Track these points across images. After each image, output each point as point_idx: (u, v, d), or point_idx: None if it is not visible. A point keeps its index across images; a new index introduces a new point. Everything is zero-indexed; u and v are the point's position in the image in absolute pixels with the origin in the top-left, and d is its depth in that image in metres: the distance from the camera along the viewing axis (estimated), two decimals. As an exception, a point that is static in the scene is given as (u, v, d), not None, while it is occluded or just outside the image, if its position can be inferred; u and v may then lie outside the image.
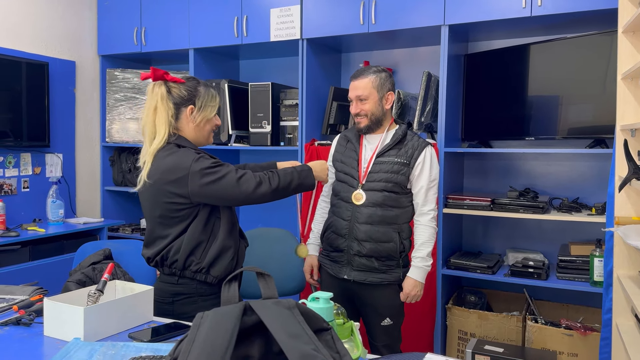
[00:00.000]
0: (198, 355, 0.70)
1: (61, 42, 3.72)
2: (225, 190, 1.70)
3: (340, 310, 1.27)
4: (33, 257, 3.11)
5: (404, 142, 2.13)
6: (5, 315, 1.65)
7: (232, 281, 0.87)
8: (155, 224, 1.80)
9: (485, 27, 2.80)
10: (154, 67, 1.79)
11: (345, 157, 2.21)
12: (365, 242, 2.09)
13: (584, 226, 2.83)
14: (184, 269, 1.77)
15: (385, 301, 2.13)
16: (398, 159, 2.10)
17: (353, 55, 3.53)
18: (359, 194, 2.11)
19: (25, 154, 3.49)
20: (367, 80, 2.11)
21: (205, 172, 1.69)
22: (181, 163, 1.70)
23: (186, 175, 1.69)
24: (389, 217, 2.09)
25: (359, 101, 2.12)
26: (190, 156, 1.71)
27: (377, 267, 2.10)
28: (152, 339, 1.48)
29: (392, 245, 2.09)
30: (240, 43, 3.31)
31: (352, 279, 2.13)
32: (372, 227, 2.08)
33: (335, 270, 2.18)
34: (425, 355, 1.26)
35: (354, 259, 2.12)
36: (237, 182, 1.70)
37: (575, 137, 2.70)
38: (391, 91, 2.15)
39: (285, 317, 0.79)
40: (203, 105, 1.82)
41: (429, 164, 2.11)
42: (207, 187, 1.69)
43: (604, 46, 2.53)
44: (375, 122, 2.14)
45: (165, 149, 1.76)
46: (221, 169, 1.71)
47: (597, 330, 2.47)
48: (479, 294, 2.99)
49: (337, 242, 2.16)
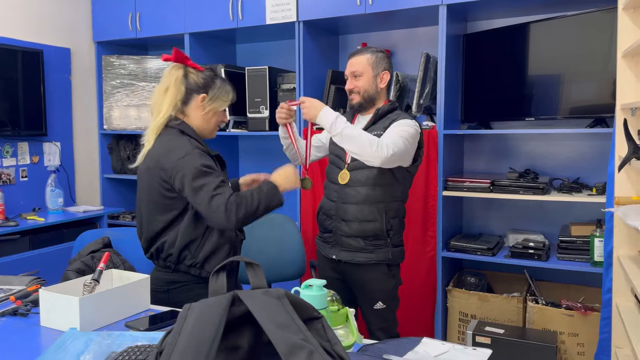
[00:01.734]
0: (184, 348, 0.70)
1: (56, 30, 3.68)
2: (196, 203, 1.68)
3: (335, 296, 1.26)
4: (33, 246, 3.11)
5: (388, 118, 2.11)
6: (2, 306, 1.65)
7: (219, 272, 0.86)
8: (148, 209, 1.79)
9: (484, 5, 2.74)
10: (177, 49, 1.81)
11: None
12: (351, 222, 2.10)
13: (584, 206, 2.82)
14: (178, 263, 1.78)
15: (376, 284, 2.13)
16: (376, 132, 2.07)
17: (350, 37, 3.48)
18: (344, 174, 2.12)
19: (22, 143, 3.48)
20: (363, 57, 2.13)
21: (188, 173, 1.66)
22: (174, 153, 1.70)
23: (174, 168, 1.68)
24: (374, 196, 2.07)
25: (354, 77, 2.13)
26: (184, 148, 1.70)
27: (364, 247, 2.10)
28: (148, 327, 1.48)
29: (378, 225, 2.08)
30: (235, 27, 3.27)
31: (341, 260, 2.14)
32: (356, 206, 2.08)
33: (326, 252, 2.21)
34: (422, 339, 1.26)
35: (342, 240, 2.13)
36: (209, 203, 1.65)
37: (576, 117, 2.67)
38: (387, 71, 2.14)
39: (274, 307, 0.78)
40: (215, 97, 1.83)
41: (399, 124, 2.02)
42: (186, 189, 1.68)
43: (605, 23, 2.48)
44: (368, 99, 2.14)
45: (167, 133, 1.77)
46: (202, 180, 1.66)
47: (598, 310, 2.46)
48: (480, 275, 2.98)
49: (326, 223, 2.19)
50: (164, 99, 1.78)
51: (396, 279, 2.19)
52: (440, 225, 2.78)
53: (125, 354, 1.26)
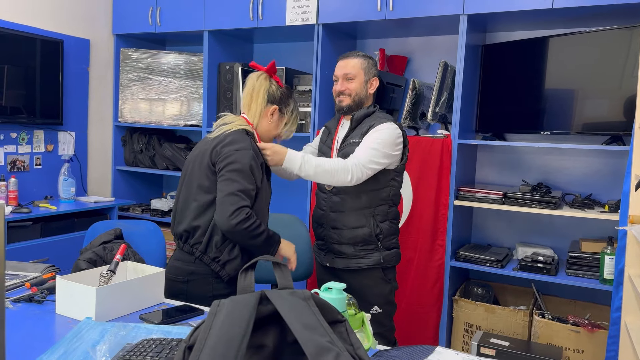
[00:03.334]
0: (215, 343, 0.71)
1: (76, 20, 3.71)
2: (219, 189, 1.73)
3: (352, 300, 1.27)
4: (44, 234, 3.14)
5: (365, 123, 2.10)
6: (18, 292, 1.67)
7: (248, 270, 0.87)
8: (189, 190, 1.84)
9: (505, 17, 2.75)
10: (274, 62, 1.94)
11: (324, 147, 2.26)
12: (339, 230, 2.12)
13: (596, 223, 2.81)
14: (204, 253, 1.80)
15: (371, 289, 2.13)
16: (354, 139, 2.08)
17: (368, 42, 3.49)
18: None
19: (38, 131, 3.50)
20: (357, 61, 2.14)
21: (234, 162, 1.73)
22: (234, 144, 1.77)
23: (227, 153, 1.75)
24: (359, 202, 2.08)
25: (346, 80, 2.13)
26: (245, 144, 1.78)
27: (355, 253, 2.11)
28: (162, 321, 1.49)
29: (367, 230, 2.08)
30: (255, 26, 3.29)
31: (335, 267, 2.16)
32: (344, 214, 2.10)
33: (321, 259, 2.24)
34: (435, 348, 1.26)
35: (334, 247, 2.15)
36: (226, 196, 1.69)
37: (591, 133, 2.67)
38: (376, 77, 2.17)
39: (301, 308, 0.79)
40: (284, 114, 1.95)
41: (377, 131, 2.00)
42: (222, 172, 1.74)
43: (623, 41, 2.49)
44: (358, 102, 2.14)
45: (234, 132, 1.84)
46: (239, 176, 1.72)
47: (605, 328, 2.46)
48: (487, 287, 2.98)
49: (318, 231, 2.21)
50: (251, 104, 1.91)
51: (392, 284, 2.18)
52: (450, 234, 2.78)
53: (141, 345, 1.27)
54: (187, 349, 0.74)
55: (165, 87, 3.78)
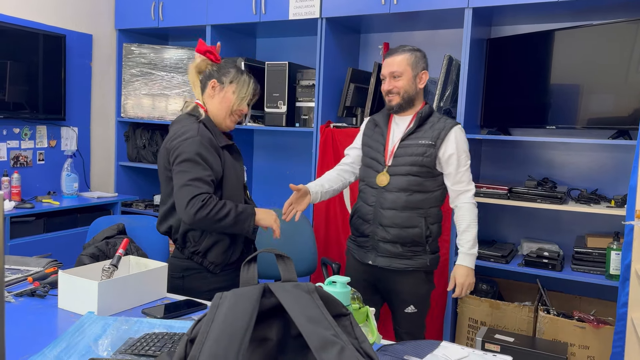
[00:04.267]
0: (217, 336, 0.69)
1: (79, 15, 3.69)
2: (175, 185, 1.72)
3: (356, 295, 1.25)
4: (47, 229, 3.13)
5: (430, 123, 2.08)
6: (20, 286, 1.66)
7: (251, 262, 0.85)
8: (161, 189, 1.88)
9: (510, 10, 2.72)
10: (201, 40, 1.88)
11: (372, 142, 2.17)
12: (389, 228, 2.05)
13: (602, 218, 2.79)
14: (183, 248, 1.81)
15: (410, 288, 2.10)
16: (423, 141, 2.05)
17: (372, 37, 3.47)
18: (383, 176, 2.07)
19: (41, 126, 3.50)
20: (403, 57, 2.07)
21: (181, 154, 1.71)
22: (180, 135, 1.74)
23: (174, 147, 1.74)
24: (413, 202, 2.04)
25: (393, 78, 2.08)
26: (190, 133, 1.74)
27: (402, 253, 2.06)
28: (165, 315, 1.48)
29: (418, 230, 2.04)
30: (258, 20, 3.27)
31: (377, 265, 2.10)
32: (396, 212, 2.04)
33: (361, 256, 2.16)
34: (440, 343, 1.25)
35: (379, 245, 2.09)
36: (178, 190, 1.68)
37: (597, 127, 2.64)
38: (425, 70, 2.11)
39: (305, 301, 0.78)
40: (236, 91, 1.84)
41: (458, 143, 2.05)
42: (173, 168, 1.74)
43: (629, 34, 2.46)
44: (408, 100, 2.09)
45: (185, 119, 1.82)
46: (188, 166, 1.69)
47: (610, 324, 2.44)
48: (491, 282, 2.96)
49: (363, 227, 2.13)
50: (194, 89, 1.88)
51: (430, 284, 2.16)
52: (453, 230, 2.76)
53: (143, 340, 1.26)
54: (189, 342, 0.73)
55: (167, 83, 3.76)
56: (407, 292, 2.10)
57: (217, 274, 1.81)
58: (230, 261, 1.81)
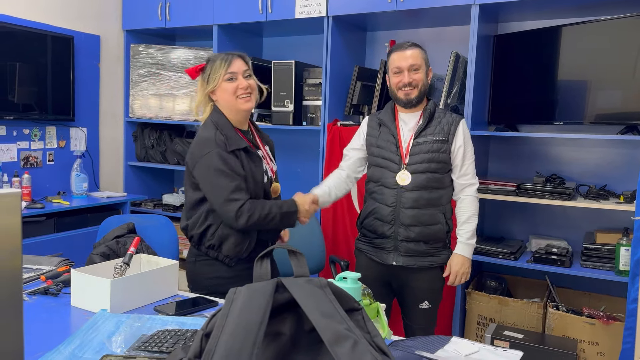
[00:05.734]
0: (233, 330, 0.70)
1: (87, 16, 3.72)
2: (211, 202, 1.78)
3: (367, 290, 1.26)
4: (58, 229, 3.16)
5: (437, 119, 2.10)
6: (33, 285, 1.68)
7: (264, 258, 0.86)
8: (185, 188, 1.92)
9: (516, 7, 2.72)
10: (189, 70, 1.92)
11: (381, 141, 2.13)
12: (412, 227, 2.05)
13: (611, 214, 2.78)
14: (199, 244, 1.85)
15: (427, 284, 2.11)
16: (435, 137, 2.06)
17: (378, 34, 3.47)
18: (404, 174, 2.04)
19: (50, 127, 3.53)
20: (418, 51, 2.07)
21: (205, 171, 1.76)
22: (198, 148, 1.79)
23: (196, 163, 1.79)
24: (434, 199, 2.05)
25: (412, 71, 2.05)
26: (208, 146, 1.77)
27: (426, 250, 2.07)
28: (176, 312, 1.50)
29: (440, 227, 2.06)
30: (264, 20, 3.28)
31: (402, 265, 2.09)
32: (419, 210, 2.04)
33: (381, 257, 2.13)
34: (451, 338, 1.25)
35: (401, 245, 2.07)
36: (222, 206, 1.74)
37: (605, 123, 2.63)
38: (430, 67, 2.14)
39: (318, 296, 0.79)
40: (208, 79, 1.86)
41: (465, 136, 2.09)
42: (201, 185, 1.79)
43: (636, 29, 2.44)
44: (423, 93, 2.10)
45: (205, 126, 1.86)
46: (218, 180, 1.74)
47: (620, 320, 2.43)
48: (500, 279, 2.96)
49: (382, 228, 2.10)
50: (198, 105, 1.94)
51: (443, 279, 2.16)
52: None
53: (156, 337, 1.27)
54: (204, 336, 0.74)
55: (175, 83, 3.78)
56: (423, 289, 2.11)
57: (224, 266, 1.85)
58: (244, 256, 1.84)
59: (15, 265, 0.84)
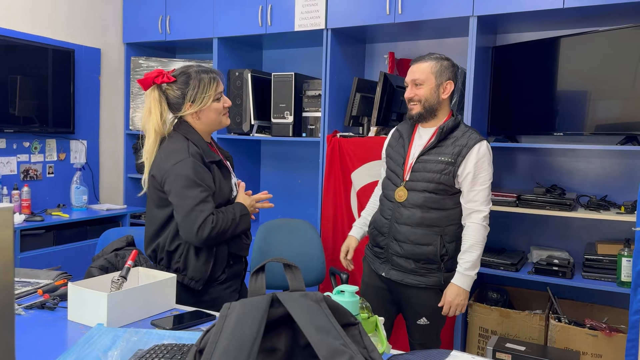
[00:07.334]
0: (226, 346, 0.69)
1: (87, 30, 3.74)
2: (176, 211, 1.73)
3: (365, 304, 1.25)
4: (57, 242, 3.15)
5: (453, 138, 2.01)
6: (30, 298, 1.67)
7: (259, 272, 0.86)
8: (149, 209, 1.86)
9: (515, 18, 2.73)
10: (146, 74, 1.82)
11: (394, 153, 2.13)
12: (402, 243, 2.02)
13: (611, 225, 2.77)
14: (169, 267, 1.82)
15: (423, 302, 2.06)
16: (443, 158, 1.98)
17: (377, 46, 3.48)
18: (401, 191, 2.03)
19: (50, 140, 3.53)
20: (426, 65, 2.02)
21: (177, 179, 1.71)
22: (170, 158, 1.74)
23: (167, 172, 1.73)
24: (429, 219, 1.99)
25: (414, 85, 2.03)
26: (181, 155, 1.73)
27: (415, 269, 2.02)
28: (174, 326, 1.48)
29: (432, 248, 1.99)
30: (264, 32, 3.29)
31: (391, 278, 2.08)
32: (410, 228, 2.00)
33: (376, 267, 2.14)
34: (450, 352, 1.24)
35: (393, 258, 2.06)
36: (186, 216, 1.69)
37: (604, 134, 2.63)
38: (451, 80, 2.03)
39: (314, 310, 0.78)
40: (196, 98, 1.81)
41: (479, 161, 1.96)
42: (172, 194, 1.73)
43: (636, 40, 2.45)
44: (429, 110, 2.03)
45: (172, 137, 1.80)
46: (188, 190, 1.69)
47: (623, 332, 2.41)
48: (501, 291, 2.94)
49: (378, 239, 2.12)
50: (149, 122, 1.83)
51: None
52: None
53: (153, 352, 1.26)
54: (197, 353, 0.73)
55: (175, 95, 3.79)
56: (420, 305, 2.07)
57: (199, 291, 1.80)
58: (214, 277, 1.80)
59: (7, 280, 0.83)
